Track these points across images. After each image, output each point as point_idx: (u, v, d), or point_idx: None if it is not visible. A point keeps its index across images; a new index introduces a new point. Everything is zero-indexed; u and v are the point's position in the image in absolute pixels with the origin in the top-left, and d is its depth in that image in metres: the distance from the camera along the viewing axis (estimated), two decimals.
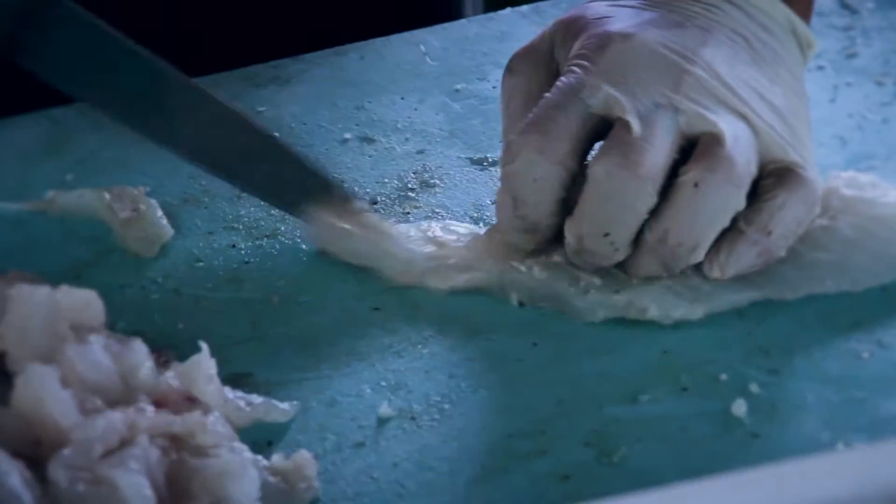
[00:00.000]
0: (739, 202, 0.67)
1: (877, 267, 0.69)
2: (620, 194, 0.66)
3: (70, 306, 0.63)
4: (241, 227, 0.77)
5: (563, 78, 0.70)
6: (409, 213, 0.77)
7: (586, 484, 0.60)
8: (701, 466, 0.60)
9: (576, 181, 0.68)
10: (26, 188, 0.81)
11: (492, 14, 0.96)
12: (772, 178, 0.68)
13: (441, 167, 0.81)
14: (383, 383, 0.66)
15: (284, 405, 0.65)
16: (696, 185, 0.66)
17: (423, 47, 0.92)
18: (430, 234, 0.73)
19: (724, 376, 0.65)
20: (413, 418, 0.64)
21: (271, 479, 0.60)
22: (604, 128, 0.68)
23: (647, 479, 0.60)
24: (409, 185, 0.79)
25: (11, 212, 0.79)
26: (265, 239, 0.76)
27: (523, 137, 0.68)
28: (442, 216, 0.77)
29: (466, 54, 0.91)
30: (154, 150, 0.83)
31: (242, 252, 0.75)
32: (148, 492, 0.57)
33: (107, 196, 0.78)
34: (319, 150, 0.82)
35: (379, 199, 0.78)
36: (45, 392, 0.59)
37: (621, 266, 0.69)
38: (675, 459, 0.61)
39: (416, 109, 0.86)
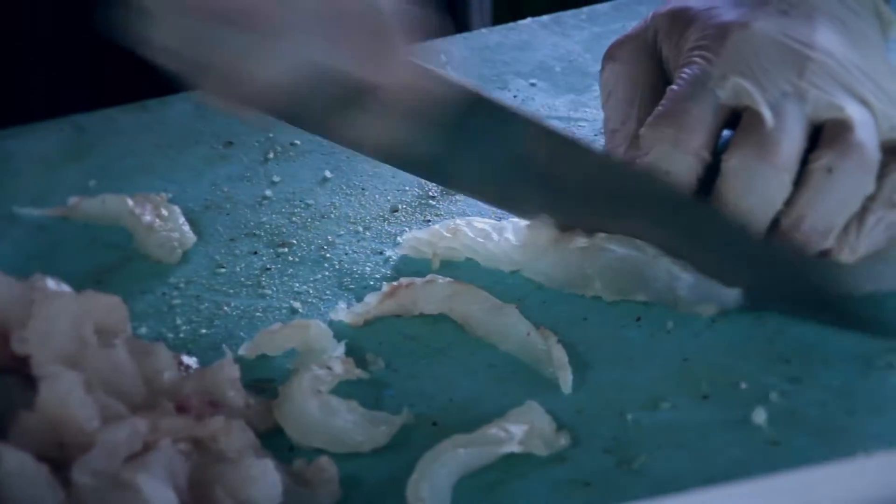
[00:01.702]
0: (870, 186, 0.67)
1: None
2: (758, 186, 0.67)
3: (94, 311, 0.64)
4: (262, 233, 0.78)
5: (686, 69, 0.70)
6: (429, 220, 0.77)
7: (607, 490, 0.60)
8: (721, 473, 0.60)
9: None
10: (49, 194, 0.81)
11: (512, 24, 0.96)
12: (888, 155, 0.68)
13: None
14: (404, 389, 0.67)
15: None
16: (829, 170, 0.66)
17: (444, 56, 0.92)
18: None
19: (744, 384, 0.65)
20: (434, 424, 0.64)
21: (293, 483, 0.60)
22: (731, 118, 0.69)
23: (667, 485, 0.60)
24: (430, 193, 0.80)
25: (35, 217, 0.80)
26: (286, 246, 0.76)
27: (656, 130, 0.69)
28: None
29: (487, 64, 0.92)
30: (176, 158, 0.84)
31: (264, 259, 0.76)
32: (171, 496, 0.57)
33: (129, 202, 0.78)
34: (340, 157, 0.83)
35: (400, 206, 0.79)
36: (69, 396, 0.59)
37: None
38: (696, 466, 0.61)
39: None
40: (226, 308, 0.73)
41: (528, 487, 0.61)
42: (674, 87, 0.70)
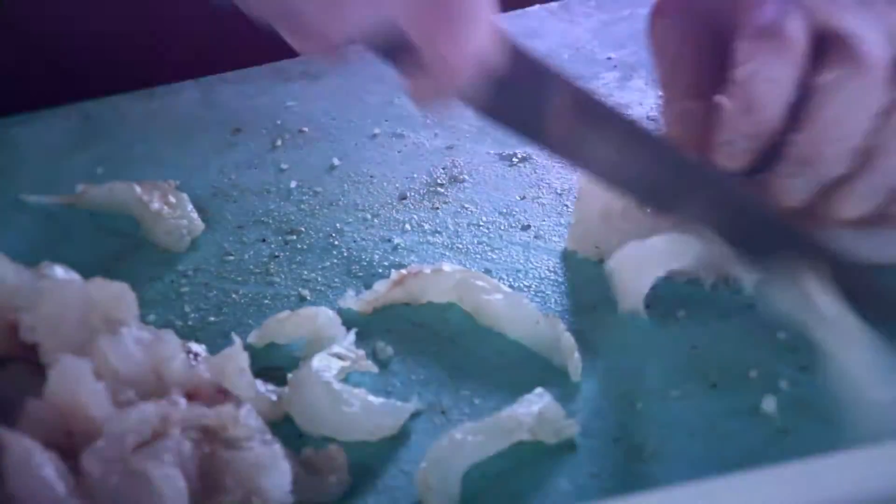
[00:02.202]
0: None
1: None
2: (854, 100, 0.66)
3: (102, 299, 0.64)
4: (270, 221, 0.78)
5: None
6: (437, 207, 0.77)
7: (616, 478, 0.60)
8: (731, 462, 0.60)
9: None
10: (57, 182, 0.81)
11: (520, 11, 0.96)
12: None
13: (470, 163, 0.81)
14: (413, 377, 0.67)
15: None
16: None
17: None
18: None
19: (753, 373, 0.65)
20: (443, 412, 0.64)
21: (303, 471, 0.60)
22: (821, 43, 0.68)
23: (676, 473, 0.60)
24: (438, 181, 0.79)
25: (42, 205, 0.80)
26: (295, 233, 0.76)
27: (756, 42, 0.68)
28: (471, 211, 0.77)
29: None
30: (183, 145, 0.84)
31: (272, 246, 0.76)
32: (181, 484, 0.57)
33: (137, 189, 0.78)
34: (349, 144, 0.83)
35: (408, 193, 0.78)
36: (78, 384, 0.59)
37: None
38: (705, 455, 0.61)
39: None
40: (234, 296, 0.73)
41: (537, 475, 0.61)
42: (764, 6, 0.69)
